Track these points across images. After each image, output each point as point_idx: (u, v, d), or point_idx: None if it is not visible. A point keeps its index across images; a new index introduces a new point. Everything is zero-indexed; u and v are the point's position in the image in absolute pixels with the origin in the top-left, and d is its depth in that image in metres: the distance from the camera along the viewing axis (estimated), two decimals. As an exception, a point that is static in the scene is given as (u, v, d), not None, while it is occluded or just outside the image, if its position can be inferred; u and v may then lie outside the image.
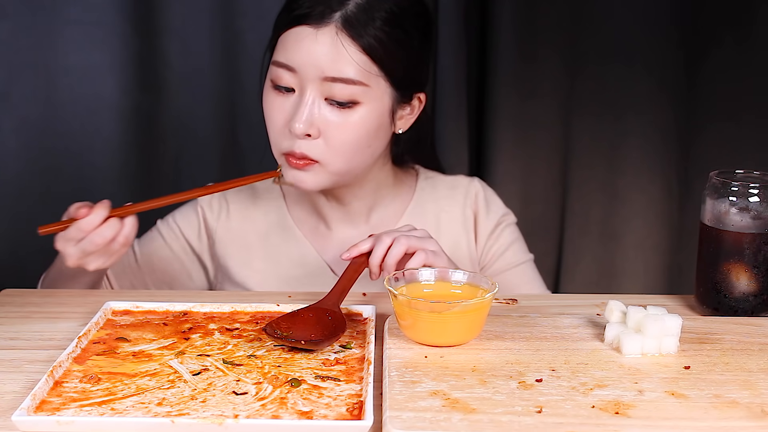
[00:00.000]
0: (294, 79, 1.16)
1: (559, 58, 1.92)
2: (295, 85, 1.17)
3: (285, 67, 1.16)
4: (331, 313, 0.98)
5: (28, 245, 1.83)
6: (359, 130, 1.17)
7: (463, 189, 1.36)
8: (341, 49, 1.14)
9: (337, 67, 1.14)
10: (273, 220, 1.33)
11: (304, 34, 1.14)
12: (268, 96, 1.20)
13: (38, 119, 1.81)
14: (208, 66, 1.84)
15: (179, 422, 0.76)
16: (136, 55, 1.80)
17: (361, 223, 1.32)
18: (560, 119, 1.96)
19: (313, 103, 1.15)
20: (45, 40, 1.77)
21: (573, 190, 1.99)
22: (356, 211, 1.31)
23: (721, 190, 1.05)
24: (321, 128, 1.16)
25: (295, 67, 1.15)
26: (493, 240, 1.34)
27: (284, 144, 1.18)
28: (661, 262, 2.02)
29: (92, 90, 1.81)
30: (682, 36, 1.91)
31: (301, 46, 1.14)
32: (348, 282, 1.05)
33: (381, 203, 1.32)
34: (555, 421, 0.76)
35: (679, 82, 1.94)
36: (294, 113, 1.16)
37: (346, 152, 1.18)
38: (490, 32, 1.90)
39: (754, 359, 0.90)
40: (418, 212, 1.33)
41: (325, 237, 1.32)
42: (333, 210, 1.31)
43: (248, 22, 1.81)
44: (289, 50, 1.15)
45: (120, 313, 1.03)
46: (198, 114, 1.86)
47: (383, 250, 1.08)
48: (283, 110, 1.18)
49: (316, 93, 1.15)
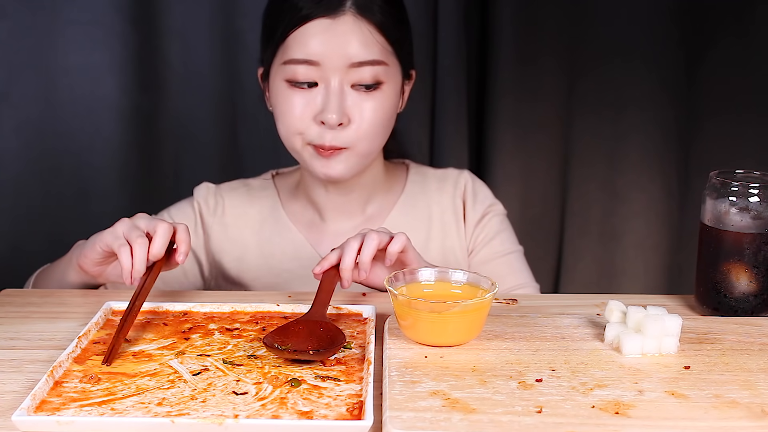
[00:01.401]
0: (317, 72, 1.18)
1: (558, 58, 1.92)
2: (317, 79, 1.19)
3: (306, 62, 1.18)
4: (323, 325, 0.95)
5: (28, 245, 1.83)
6: (385, 109, 1.21)
7: (452, 180, 1.37)
8: (364, 32, 1.17)
9: (364, 51, 1.17)
10: (267, 215, 1.34)
11: (323, 26, 1.17)
12: (286, 95, 1.20)
13: (38, 119, 1.81)
14: (208, 66, 1.84)
15: (179, 422, 0.76)
16: (136, 55, 1.80)
17: (357, 215, 1.33)
18: (560, 119, 1.96)
19: (341, 92, 1.18)
20: (45, 40, 1.77)
21: (573, 190, 1.99)
22: (354, 202, 1.32)
23: (721, 190, 1.05)
24: (350, 115, 1.19)
25: (318, 60, 1.17)
26: (480, 228, 1.35)
27: (312, 136, 1.20)
28: (661, 262, 2.03)
29: (92, 90, 1.81)
30: (681, 35, 1.91)
31: (323, 39, 1.17)
32: (326, 294, 1.02)
33: (376, 195, 1.34)
34: (555, 421, 0.76)
35: (678, 81, 1.94)
36: (324, 105, 1.18)
37: (374, 134, 1.22)
38: (490, 33, 1.90)
39: (754, 359, 0.90)
40: (410, 204, 1.34)
41: (320, 230, 1.33)
42: (331, 202, 1.32)
43: (248, 22, 1.81)
44: (309, 45, 1.17)
45: (120, 313, 1.03)
46: (198, 114, 1.86)
47: (353, 254, 1.06)
48: (306, 106, 1.19)
49: (342, 81, 1.18)
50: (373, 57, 1.18)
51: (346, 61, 1.17)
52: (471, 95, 1.93)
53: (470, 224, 1.35)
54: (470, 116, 1.93)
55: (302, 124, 1.20)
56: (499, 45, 1.89)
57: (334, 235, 1.32)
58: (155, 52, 1.81)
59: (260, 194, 1.36)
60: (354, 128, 1.20)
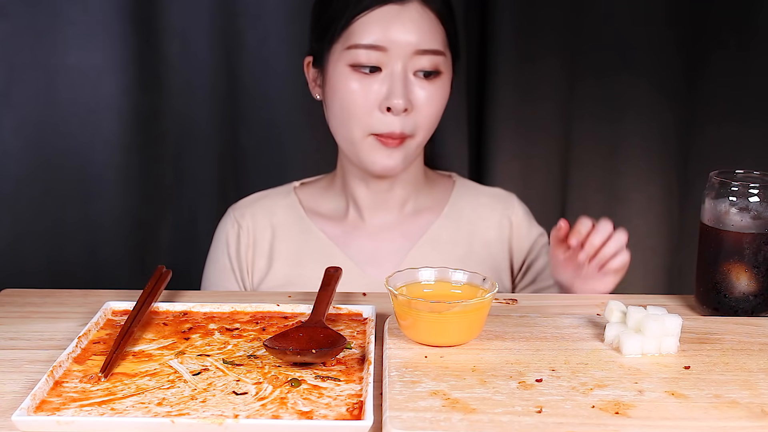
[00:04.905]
0: (382, 57, 1.19)
1: (559, 58, 1.92)
2: (382, 64, 1.20)
3: (372, 47, 1.19)
4: (323, 331, 0.94)
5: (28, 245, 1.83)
6: (442, 99, 1.24)
7: (502, 200, 1.38)
8: (429, 21, 1.20)
9: (429, 39, 1.20)
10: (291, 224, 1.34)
11: (393, 13, 1.19)
12: (349, 80, 1.21)
13: (38, 119, 1.81)
14: (208, 66, 1.84)
15: (179, 422, 0.76)
16: (136, 55, 1.80)
17: (394, 212, 1.33)
18: (560, 119, 1.96)
19: (406, 78, 1.20)
20: (45, 40, 1.77)
21: (573, 190, 1.99)
22: (395, 198, 1.32)
23: (721, 190, 1.05)
24: (413, 102, 1.20)
25: (386, 46, 1.19)
26: (533, 256, 1.36)
27: (377, 125, 1.21)
28: (661, 262, 2.02)
29: (92, 90, 1.81)
30: (682, 36, 1.91)
31: (391, 25, 1.18)
32: (327, 295, 1.02)
33: (415, 195, 1.34)
34: (555, 421, 0.76)
35: (679, 82, 1.94)
36: (390, 91, 1.19)
37: (433, 123, 1.24)
38: (490, 33, 1.90)
39: (754, 359, 0.90)
40: (456, 214, 1.34)
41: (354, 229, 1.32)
42: (371, 198, 1.31)
43: (248, 22, 1.81)
44: (377, 31, 1.19)
45: (120, 313, 1.03)
46: (198, 114, 1.86)
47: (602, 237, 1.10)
48: (371, 91, 1.20)
49: (406, 67, 1.20)
50: (436, 46, 1.21)
51: (412, 48, 1.19)
52: (471, 95, 1.93)
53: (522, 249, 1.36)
54: (470, 116, 1.93)
55: (365, 110, 1.20)
56: (499, 45, 1.89)
57: (368, 234, 1.32)
58: (155, 52, 1.81)
59: (282, 203, 1.36)
60: (417, 115, 1.21)
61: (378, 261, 1.29)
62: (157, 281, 1.08)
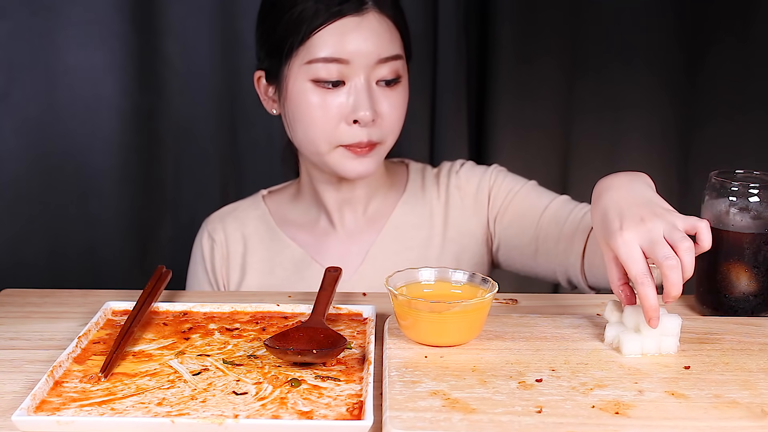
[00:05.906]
0: (345, 69, 1.19)
1: (558, 58, 1.92)
2: (344, 77, 1.19)
3: (335, 61, 1.18)
4: (323, 332, 0.94)
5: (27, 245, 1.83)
6: (405, 103, 1.25)
7: (445, 170, 1.38)
8: (387, 28, 1.20)
9: (389, 47, 1.20)
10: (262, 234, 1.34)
11: (351, 25, 1.18)
12: (310, 96, 1.20)
13: (38, 119, 1.81)
14: (208, 66, 1.84)
15: (179, 422, 0.76)
16: (136, 55, 1.80)
17: (360, 209, 1.33)
18: (560, 119, 1.96)
19: (370, 88, 1.20)
20: (45, 40, 1.77)
21: (573, 190, 1.99)
22: (361, 197, 1.32)
23: (721, 190, 1.05)
24: (379, 111, 1.21)
25: (347, 58, 1.18)
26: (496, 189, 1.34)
27: (344, 137, 1.21)
28: (661, 262, 2.02)
29: (92, 90, 1.81)
30: (682, 35, 1.91)
31: (351, 37, 1.18)
32: (327, 295, 1.02)
33: (379, 190, 1.34)
34: (555, 421, 0.76)
35: (679, 81, 1.94)
36: (356, 104, 1.19)
37: (399, 127, 1.25)
38: (490, 33, 1.90)
39: (754, 359, 0.90)
40: (411, 202, 1.35)
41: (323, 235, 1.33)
42: (339, 199, 1.32)
43: (248, 22, 1.80)
44: (337, 44, 1.18)
45: (120, 313, 1.03)
46: (198, 114, 1.86)
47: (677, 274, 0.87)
48: (335, 105, 1.20)
49: (369, 78, 1.20)
50: (396, 53, 1.21)
51: (375, 58, 1.19)
52: (471, 95, 1.93)
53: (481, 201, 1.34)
54: (470, 116, 1.93)
55: (331, 124, 1.20)
56: (499, 45, 1.89)
57: (339, 239, 1.32)
58: (155, 52, 1.81)
59: (252, 214, 1.36)
60: (383, 123, 1.22)
61: (349, 265, 1.29)
62: (157, 281, 1.08)
